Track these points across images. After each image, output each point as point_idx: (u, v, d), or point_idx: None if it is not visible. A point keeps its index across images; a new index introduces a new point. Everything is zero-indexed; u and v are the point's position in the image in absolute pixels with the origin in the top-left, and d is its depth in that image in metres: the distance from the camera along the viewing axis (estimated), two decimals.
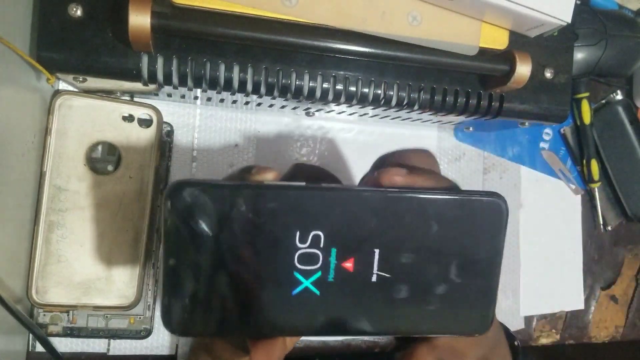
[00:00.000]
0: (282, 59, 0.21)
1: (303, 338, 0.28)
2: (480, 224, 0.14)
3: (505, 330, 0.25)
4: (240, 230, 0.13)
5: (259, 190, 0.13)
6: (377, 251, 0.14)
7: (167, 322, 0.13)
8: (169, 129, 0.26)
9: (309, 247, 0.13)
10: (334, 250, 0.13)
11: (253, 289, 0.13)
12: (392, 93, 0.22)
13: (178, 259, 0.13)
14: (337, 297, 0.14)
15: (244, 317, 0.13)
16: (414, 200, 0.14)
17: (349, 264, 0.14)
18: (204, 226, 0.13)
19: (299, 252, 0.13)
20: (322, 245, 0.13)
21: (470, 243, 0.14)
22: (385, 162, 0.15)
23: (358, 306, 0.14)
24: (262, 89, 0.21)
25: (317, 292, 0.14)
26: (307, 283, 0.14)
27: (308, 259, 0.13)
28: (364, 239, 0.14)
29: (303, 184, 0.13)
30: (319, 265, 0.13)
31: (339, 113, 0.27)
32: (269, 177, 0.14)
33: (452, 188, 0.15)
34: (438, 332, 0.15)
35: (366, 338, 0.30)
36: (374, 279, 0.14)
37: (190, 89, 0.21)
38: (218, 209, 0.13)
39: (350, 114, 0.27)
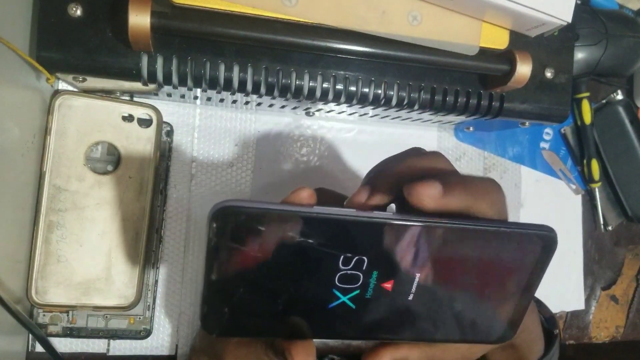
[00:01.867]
0: (282, 58, 0.21)
1: None
2: (527, 257, 0.14)
3: (548, 315, 0.24)
4: (283, 254, 0.13)
5: (306, 217, 0.13)
6: (417, 275, 0.14)
7: (206, 326, 0.14)
8: (168, 128, 0.26)
9: (351, 269, 0.13)
10: (375, 273, 0.14)
11: (293, 304, 0.14)
12: (392, 93, 0.22)
13: (219, 275, 0.13)
14: (371, 310, 0.14)
15: (278, 326, 0.14)
16: (461, 232, 0.14)
17: (388, 285, 0.14)
18: (247, 249, 0.13)
19: (340, 273, 0.13)
20: (364, 268, 0.13)
21: (514, 273, 0.15)
22: (390, 171, 0.15)
23: (390, 318, 0.14)
24: (262, 89, 0.21)
25: (353, 307, 0.14)
26: (344, 299, 0.14)
27: (349, 279, 0.14)
28: (407, 265, 0.14)
29: (353, 210, 0.13)
30: (358, 284, 0.14)
31: (339, 113, 0.27)
32: (305, 195, 0.13)
33: (501, 221, 0.15)
34: (463, 341, 0.16)
35: None
36: (410, 297, 0.14)
37: (190, 89, 0.21)
38: (262, 232, 0.13)
39: (350, 114, 0.27)
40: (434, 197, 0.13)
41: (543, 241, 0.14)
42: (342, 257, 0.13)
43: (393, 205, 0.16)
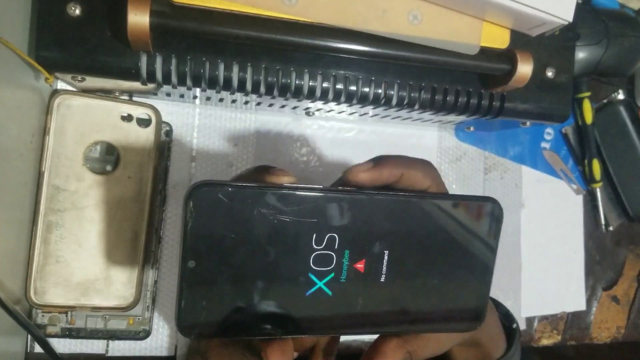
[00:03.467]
0: (282, 58, 0.21)
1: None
2: (478, 226, 0.15)
3: (504, 312, 0.25)
4: (260, 232, 0.13)
5: (280, 192, 0.13)
6: (386, 252, 0.14)
7: (182, 325, 0.13)
8: (167, 128, 0.26)
9: (324, 248, 0.14)
10: (347, 252, 0.14)
11: (270, 290, 0.14)
12: (392, 92, 0.22)
13: (197, 261, 0.13)
14: (347, 297, 0.14)
15: (260, 318, 0.14)
16: (420, 203, 0.15)
17: (360, 265, 0.14)
18: (224, 228, 0.13)
19: (315, 253, 0.14)
20: (336, 247, 0.14)
21: (469, 244, 0.15)
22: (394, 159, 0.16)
23: (367, 305, 0.15)
24: (262, 89, 0.21)
25: (330, 293, 0.14)
26: (320, 284, 0.14)
27: (323, 260, 0.14)
28: (375, 241, 0.14)
29: (321, 186, 0.14)
30: (332, 266, 0.14)
31: (339, 113, 0.27)
32: (286, 180, 0.14)
33: (451, 194, 0.16)
34: (438, 330, 0.16)
35: (367, 339, 0.30)
36: (382, 279, 0.14)
37: (189, 89, 0.21)
38: (239, 211, 0.13)
39: (350, 114, 0.27)
40: (365, 170, 0.15)
41: (489, 211, 0.16)
42: (314, 235, 0.13)
43: None
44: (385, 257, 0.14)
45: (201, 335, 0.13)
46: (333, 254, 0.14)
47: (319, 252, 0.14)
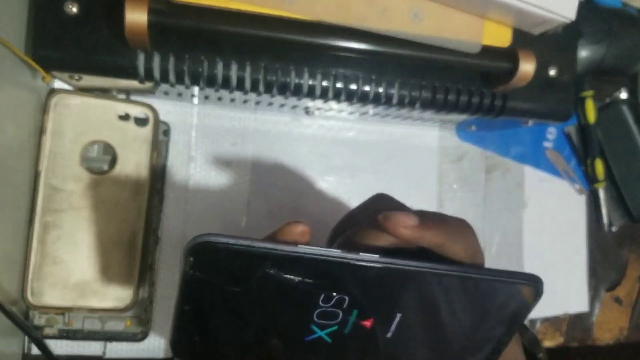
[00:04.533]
0: (281, 56, 0.20)
1: None
2: (509, 305, 0.14)
3: (531, 338, 0.23)
4: (262, 291, 0.13)
5: (288, 256, 0.12)
6: (398, 315, 0.14)
7: (176, 353, 0.13)
8: (165, 128, 0.26)
9: (331, 307, 0.13)
10: (355, 311, 0.13)
11: (265, 337, 0.13)
12: (393, 91, 0.22)
13: (193, 307, 0.13)
14: (348, 346, 0.14)
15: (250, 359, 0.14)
16: (446, 278, 0.13)
17: (367, 323, 0.14)
18: (224, 283, 0.12)
19: (320, 309, 0.13)
20: (344, 306, 0.13)
21: (494, 321, 0.14)
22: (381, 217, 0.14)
23: (365, 354, 0.14)
24: (261, 87, 0.21)
25: (329, 341, 0.14)
26: (321, 333, 0.14)
27: (328, 315, 0.13)
28: (388, 305, 0.14)
29: (338, 251, 0.13)
30: (337, 321, 0.13)
31: (339, 112, 0.27)
32: (297, 231, 0.13)
33: (490, 270, 0.14)
34: None
35: None
36: (389, 336, 0.14)
37: (187, 87, 0.21)
38: (241, 268, 0.12)
39: (350, 113, 0.27)
40: (410, 227, 0.13)
41: (528, 292, 0.14)
42: (322, 295, 0.13)
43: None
44: (396, 320, 0.14)
45: None
46: (340, 311, 0.13)
47: (324, 308, 0.13)
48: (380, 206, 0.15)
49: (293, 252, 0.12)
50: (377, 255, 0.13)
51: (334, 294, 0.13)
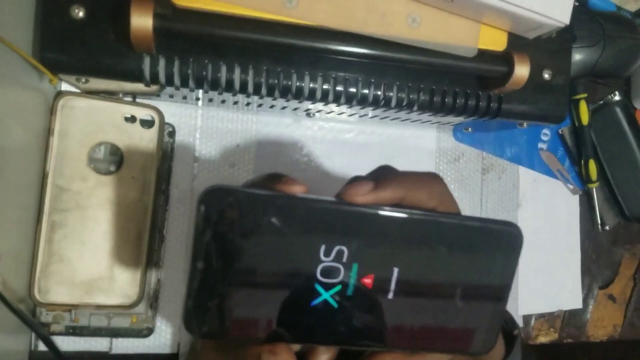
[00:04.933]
0: (283, 60, 0.21)
1: None
2: (495, 251, 0.15)
3: (507, 317, 0.24)
4: (268, 240, 0.13)
5: (290, 202, 0.13)
6: (396, 270, 0.14)
7: (188, 324, 0.13)
8: (170, 129, 0.27)
9: (333, 260, 0.14)
10: (355, 266, 0.14)
11: (276, 297, 0.14)
12: (391, 94, 0.23)
13: (206, 263, 0.13)
14: (353, 311, 0.14)
15: (263, 323, 0.14)
16: (435, 224, 0.14)
17: (368, 280, 0.14)
18: (234, 232, 0.13)
19: (322, 265, 0.14)
20: (344, 260, 0.14)
21: (484, 268, 0.15)
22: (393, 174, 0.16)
23: (372, 321, 0.15)
24: (263, 90, 0.21)
25: (335, 305, 0.14)
26: (326, 295, 0.14)
27: (330, 272, 0.14)
28: (385, 257, 0.14)
29: (333, 199, 0.14)
30: (339, 279, 0.14)
31: (339, 114, 0.27)
32: (297, 190, 0.14)
33: (470, 217, 0.15)
34: (443, 351, 0.16)
35: None
36: (390, 296, 0.14)
37: (191, 90, 0.21)
38: (249, 217, 0.13)
39: (350, 115, 0.27)
40: (366, 192, 0.14)
41: (507, 236, 0.15)
42: (323, 246, 0.13)
43: None
44: (395, 275, 0.14)
45: (206, 334, 0.13)
46: (341, 266, 0.14)
47: (327, 263, 0.14)
48: (380, 174, 0.16)
49: (293, 198, 0.13)
50: (371, 205, 0.14)
51: (334, 245, 0.13)
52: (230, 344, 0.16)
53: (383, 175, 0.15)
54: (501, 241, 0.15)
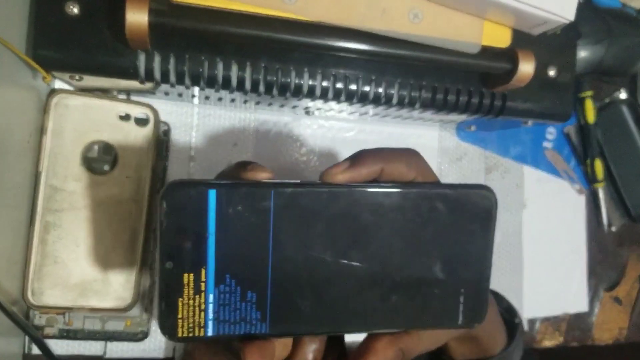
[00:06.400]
0: (281, 57, 0.20)
1: None
2: (471, 217, 0.15)
3: (506, 306, 0.24)
4: (238, 230, 0.13)
5: (253, 190, 0.13)
6: (374, 246, 0.14)
7: (164, 328, 0.13)
8: (166, 128, 0.26)
9: (308, 244, 0.13)
10: (330, 246, 0.14)
11: (249, 288, 0.13)
12: (392, 92, 0.22)
13: (174, 262, 0.13)
14: (328, 294, 0.14)
15: (240, 317, 0.13)
16: (404, 194, 0.14)
17: (345, 260, 0.14)
18: (199, 226, 0.13)
19: (297, 250, 0.13)
20: (320, 242, 0.13)
21: (461, 236, 0.15)
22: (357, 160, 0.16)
23: (354, 302, 0.14)
24: (261, 88, 0.21)
25: (317, 291, 0.14)
26: (304, 282, 0.14)
27: (306, 256, 0.13)
28: (360, 235, 0.14)
29: (298, 181, 0.14)
30: (316, 263, 0.14)
31: (339, 112, 0.27)
32: (263, 176, 0.14)
33: (439, 183, 0.16)
34: (433, 327, 0.15)
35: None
36: (370, 274, 0.14)
37: (187, 87, 0.21)
38: (213, 208, 0.13)
39: (350, 113, 0.27)
40: (342, 171, 0.14)
41: (481, 199, 0.15)
42: (296, 230, 0.13)
43: None
44: (373, 251, 0.14)
45: (183, 338, 0.13)
46: (319, 249, 0.13)
47: (301, 248, 0.13)
48: (356, 154, 0.16)
49: (256, 185, 0.13)
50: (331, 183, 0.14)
51: (307, 229, 0.13)
52: (216, 346, 0.15)
53: (359, 154, 0.15)
54: (477, 206, 0.15)
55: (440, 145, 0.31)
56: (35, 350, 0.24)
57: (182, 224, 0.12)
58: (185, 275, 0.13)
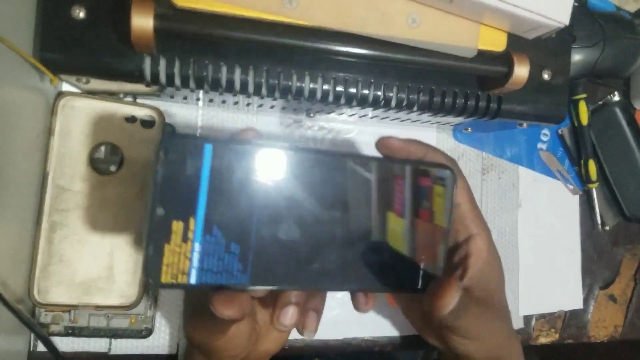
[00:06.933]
0: (283, 60, 0.21)
1: (303, 337, 0.28)
2: (429, 192, 0.16)
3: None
4: (226, 184, 0.14)
5: (246, 147, 0.14)
6: (346, 209, 0.15)
7: (149, 272, 0.13)
8: (170, 129, 0.27)
9: (288, 202, 0.14)
10: (308, 206, 0.15)
11: (231, 240, 0.14)
12: (391, 94, 0.23)
13: (166, 209, 0.13)
14: (306, 251, 0.15)
15: (222, 268, 0.14)
16: (378, 164, 0.16)
17: (321, 220, 0.15)
18: (193, 178, 0.13)
19: (269, 205, 0.14)
20: (299, 201, 0.14)
21: (422, 206, 0.16)
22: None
23: (325, 260, 0.15)
24: (264, 91, 0.21)
25: (289, 246, 0.15)
26: (283, 237, 0.14)
27: (284, 212, 0.14)
28: (335, 198, 0.15)
29: (286, 144, 0.15)
30: (284, 218, 0.14)
31: (339, 114, 0.27)
32: (249, 134, 0.16)
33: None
34: (393, 290, 0.17)
35: (366, 337, 0.30)
36: (339, 235, 0.15)
37: (192, 90, 0.21)
38: (208, 162, 0.13)
39: (350, 115, 0.28)
40: (396, 140, 0.20)
41: (438, 175, 0.17)
42: (285, 189, 0.14)
43: None
44: (348, 214, 0.15)
45: (166, 284, 0.13)
46: (286, 207, 0.14)
47: (282, 205, 0.14)
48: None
49: (246, 143, 0.14)
50: (312, 147, 0.15)
51: (280, 188, 0.14)
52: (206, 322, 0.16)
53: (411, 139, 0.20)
54: (437, 180, 0.16)
55: (438, 146, 0.32)
56: (41, 348, 0.24)
57: (177, 173, 0.13)
58: (175, 222, 0.13)
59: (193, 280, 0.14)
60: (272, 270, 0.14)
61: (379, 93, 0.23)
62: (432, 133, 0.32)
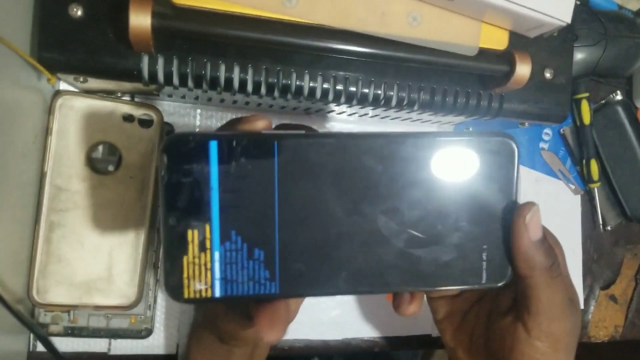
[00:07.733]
0: (283, 59, 0.21)
1: (303, 336, 0.28)
2: (489, 166, 0.13)
3: None
4: (239, 183, 0.12)
5: (257, 140, 0.12)
6: (382, 200, 0.13)
7: (169, 288, 0.12)
8: (169, 129, 0.26)
9: (311, 197, 0.12)
10: (336, 200, 0.12)
11: (258, 244, 0.12)
12: (392, 93, 0.23)
13: (177, 218, 0.12)
14: (340, 251, 0.13)
15: (249, 276, 0.12)
16: (414, 143, 0.13)
17: (353, 215, 0.12)
18: (202, 180, 0.12)
19: (292, 202, 0.12)
20: (325, 195, 0.12)
21: (481, 187, 0.13)
22: None
23: (364, 260, 0.13)
24: (263, 89, 0.21)
25: (320, 246, 0.13)
26: (307, 236, 0.12)
27: (308, 209, 0.12)
28: (366, 189, 0.13)
29: (302, 132, 0.13)
30: (322, 217, 0.12)
31: (339, 113, 0.27)
32: (260, 125, 0.13)
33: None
34: (453, 286, 0.14)
35: (366, 337, 0.30)
36: (378, 229, 0.13)
37: (190, 89, 0.21)
38: (215, 161, 0.12)
39: (350, 114, 0.27)
40: None
41: (499, 148, 0.13)
42: (307, 183, 0.12)
43: None
44: (387, 205, 0.12)
45: (192, 299, 0.12)
46: (325, 202, 0.12)
47: (307, 201, 0.12)
48: None
49: (252, 135, 0.12)
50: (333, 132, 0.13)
51: (311, 181, 0.12)
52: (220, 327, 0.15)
53: None
54: (495, 154, 0.13)
55: None
56: (40, 348, 0.24)
57: (184, 177, 0.12)
58: (189, 231, 0.12)
59: (218, 293, 0.12)
60: (303, 276, 0.12)
61: (380, 92, 0.22)
62: None
